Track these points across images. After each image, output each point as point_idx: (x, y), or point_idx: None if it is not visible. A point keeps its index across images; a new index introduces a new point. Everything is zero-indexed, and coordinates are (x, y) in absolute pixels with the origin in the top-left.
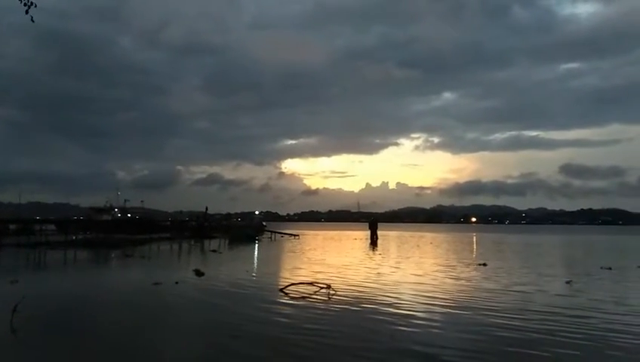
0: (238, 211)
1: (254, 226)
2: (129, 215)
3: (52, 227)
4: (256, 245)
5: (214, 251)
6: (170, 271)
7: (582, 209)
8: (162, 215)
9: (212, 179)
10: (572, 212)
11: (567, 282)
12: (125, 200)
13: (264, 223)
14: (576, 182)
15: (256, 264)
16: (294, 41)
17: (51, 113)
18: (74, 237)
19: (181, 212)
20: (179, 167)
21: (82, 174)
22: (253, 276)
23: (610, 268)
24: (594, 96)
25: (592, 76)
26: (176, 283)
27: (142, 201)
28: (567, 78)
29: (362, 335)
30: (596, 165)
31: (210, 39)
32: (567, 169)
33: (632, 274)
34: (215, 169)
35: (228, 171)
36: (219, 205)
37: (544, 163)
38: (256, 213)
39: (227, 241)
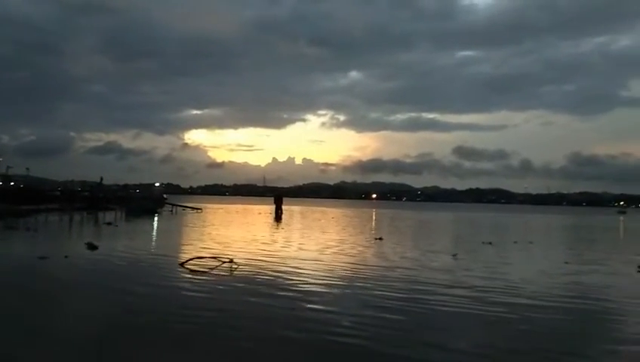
0: (137, 182)
1: (154, 198)
2: (12, 183)
3: None
4: (156, 218)
5: (109, 224)
6: (59, 245)
7: (471, 188)
8: (51, 184)
9: (109, 148)
10: (462, 191)
11: (453, 256)
12: (8, 167)
13: (165, 196)
14: (467, 163)
15: (155, 237)
16: (202, 8)
17: None
18: None
19: (72, 181)
20: (72, 134)
21: None
22: (152, 250)
23: (490, 243)
24: (486, 84)
25: (486, 64)
26: (66, 257)
27: (27, 169)
28: (463, 65)
29: (261, 311)
30: (484, 148)
31: None
32: (460, 151)
33: (509, 248)
34: (112, 137)
35: (127, 140)
36: (116, 175)
37: (439, 144)
38: (157, 184)
39: (124, 214)
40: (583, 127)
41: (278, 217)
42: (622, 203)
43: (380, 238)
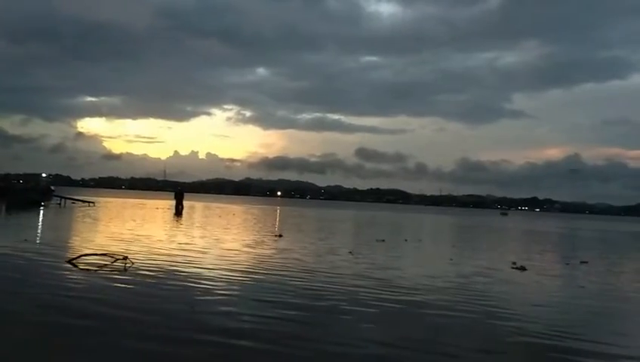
0: (22, 172)
1: (40, 190)
2: None
3: None
4: (42, 211)
5: None
6: None
7: (371, 188)
8: None
9: None
10: (363, 190)
11: (350, 252)
12: None
13: (52, 187)
14: (368, 165)
15: (40, 232)
16: None
17: None
18: None
19: None
20: None
21: None
22: (36, 245)
23: (383, 241)
24: (387, 89)
25: (388, 71)
26: None
27: None
28: (367, 70)
29: (158, 309)
30: (384, 151)
31: None
32: (361, 152)
33: (399, 245)
34: None
35: (13, 126)
36: None
37: (343, 145)
38: (44, 175)
39: (4, 206)
40: (471, 134)
41: (178, 213)
42: (504, 206)
43: (280, 235)
